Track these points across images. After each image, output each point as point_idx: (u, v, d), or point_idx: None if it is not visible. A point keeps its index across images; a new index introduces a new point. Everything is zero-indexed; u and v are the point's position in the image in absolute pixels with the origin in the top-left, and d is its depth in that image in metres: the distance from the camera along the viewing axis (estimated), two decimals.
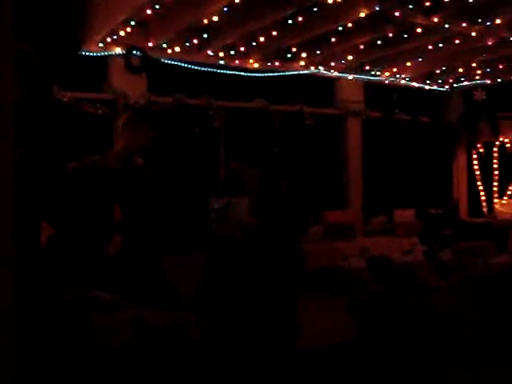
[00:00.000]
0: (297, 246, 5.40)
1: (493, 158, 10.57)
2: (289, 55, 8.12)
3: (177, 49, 7.49)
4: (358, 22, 6.69)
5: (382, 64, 8.97)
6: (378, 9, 6.11)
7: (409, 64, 8.89)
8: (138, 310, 1.89)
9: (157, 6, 5.97)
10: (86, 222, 4.12)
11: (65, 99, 6.94)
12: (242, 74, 8.26)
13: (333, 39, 7.37)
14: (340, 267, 7.56)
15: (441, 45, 7.81)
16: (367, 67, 9.07)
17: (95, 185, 4.10)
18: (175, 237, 7.16)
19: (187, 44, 7.42)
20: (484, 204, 10.72)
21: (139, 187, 4.41)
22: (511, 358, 5.09)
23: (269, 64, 8.39)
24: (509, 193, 10.30)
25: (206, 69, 7.96)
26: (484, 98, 9.88)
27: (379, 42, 7.62)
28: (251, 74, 8.36)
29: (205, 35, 7.17)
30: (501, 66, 9.11)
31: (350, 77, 9.28)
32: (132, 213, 4.29)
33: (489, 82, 10.07)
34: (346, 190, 9.53)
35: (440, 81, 10.35)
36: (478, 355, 5.43)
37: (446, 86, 10.67)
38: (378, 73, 9.40)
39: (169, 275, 4.67)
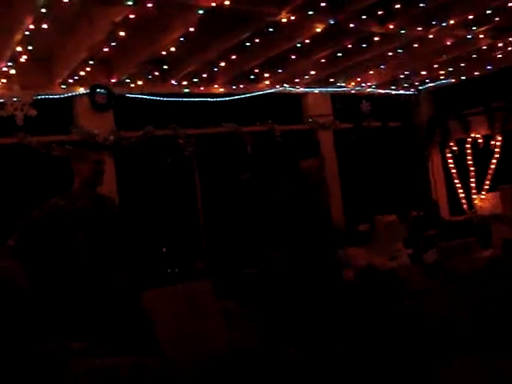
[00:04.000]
0: None
1: (467, 154, 10.65)
2: (252, 76, 8.17)
3: (140, 82, 7.51)
4: (316, 37, 6.74)
5: (345, 75, 9.04)
6: (332, 22, 6.16)
7: (372, 72, 8.98)
8: (107, 358, 1.88)
9: (113, 44, 5.98)
10: (57, 267, 4.07)
11: (33, 144, 6.92)
12: (209, 99, 8.30)
13: (293, 56, 7.43)
14: None
15: (400, 50, 7.89)
16: (332, 80, 9.13)
17: (63, 229, 4.03)
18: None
19: (149, 76, 7.45)
20: (464, 201, 10.78)
21: (110, 222, 4.29)
22: (503, 353, 5.10)
23: (234, 87, 8.44)
24: (486, 187, 10.37)
25: (172, 99, 7.99)
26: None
27: (339, 54, 7.69)
28: (218, 99, 8.40)
29: (165, 66, 7.21)
30: (462, 64, 9.22)
31: (316, 91, 9.36)
32: (105, 250, 4.21)
33: (453, 80, 10.20)
34: None
35: (405, 85, 10.46)
36: (471, 353, 5.44)
37: (413, 90, 10.79)
38: (343, 84, 9.48)
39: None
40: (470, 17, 6.89)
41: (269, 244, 8.05)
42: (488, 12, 6.76)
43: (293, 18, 5.87)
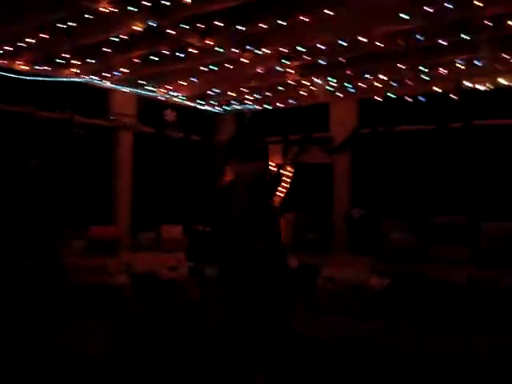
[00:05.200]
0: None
1: None
2: (60, 61, 7.74)
3: None
4: (134, 35, 6.60)
5: (157, 80, 8.94)
6: (152, 24, 6.07)
7: (183, 83, 9.00)
8: None
9: None
10: None
11: None
12: (8, 75, 7.72)
13: (107, 49, 7.18)
14: (103, 284, 7.36)
15: (214, 67, 8.02)
16: (142, 82, 8.99)
17: None
18: None
19: None
20: None
21: None
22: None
23: (38, 68, 7.94)
24: None
25: None
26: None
27: (155, 58, 7.59)
28: (18, 76, 7.85)
29: None
30: (268, 93, 9.64)
31: (125, 89, 9.16)
32: None
33: (258, 107, 10.61)
34: (115, 205, 9.34)
35: (213, 102, 10.65)
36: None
37: (219, 108, 11.02)
38: (153, 88, 9.39)
39: None
40: (283, 50, 7.22)
41: (47, 235, 7.67)
42: (299, 49, 7.13)
43: (112, 9, 5.68)
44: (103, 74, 8.49)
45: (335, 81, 8.65)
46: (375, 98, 9.35)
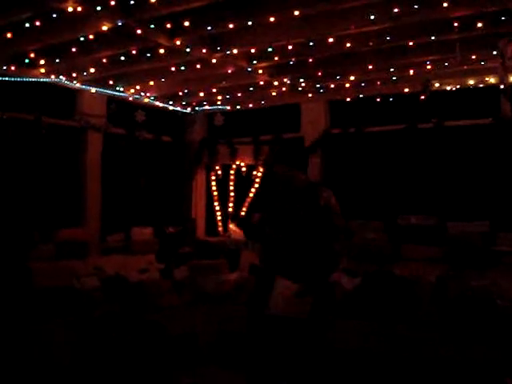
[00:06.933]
0: None
1: (229, 180, 11.08)
2: (26, 60, 7.61)
3: None
4: (101, 35, 6.51)
5: (125, 80, 8.86)
6: (120, 24, 6.00)
7: (152, 83, 8.92)
8: None
9: None
10: None
11: None
12: None
13: (74, 49, 7.08)
14: (71, 287, 7.24)
15: (183, 68, 7.98)
16: (111, 82, 8.89)
17: None
18: None
19: None
20: (220, 224, 11.17)
21: None
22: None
23: (4, 68, 7.79)
24: (242, 214, 10.86)
25: None
26: (222, 122, 10.25)
27: (123, 58, 7.51)
28: None
29: None
30: (239, 94, 9.61)
31: (93, 90, 9.03)
32: None
33: (228, 107, 10.57)
34: (83, 207, 9.21)
35: (183, 103, 10.59)
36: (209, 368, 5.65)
37: (189, 109, 10.96)
38: (122, 89, 9.28)
39: None
40: (252, 50, 7.19)
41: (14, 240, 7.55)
42: (269, 50, 7.12)
43: (79, 9, 5.60)
44: (71, 74, 8.37)
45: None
46: (345, 98, 9.39)
